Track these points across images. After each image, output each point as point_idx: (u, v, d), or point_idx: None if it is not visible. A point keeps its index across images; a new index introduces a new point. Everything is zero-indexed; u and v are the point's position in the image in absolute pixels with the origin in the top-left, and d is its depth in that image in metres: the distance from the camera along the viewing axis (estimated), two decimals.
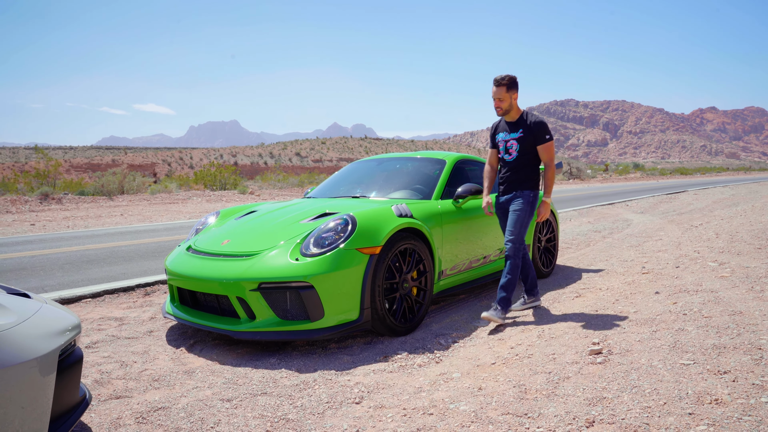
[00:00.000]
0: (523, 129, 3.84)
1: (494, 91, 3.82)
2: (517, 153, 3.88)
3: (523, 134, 3.84)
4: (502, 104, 3.83)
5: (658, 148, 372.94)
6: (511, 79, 3.79)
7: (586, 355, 2.79)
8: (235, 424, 2.32)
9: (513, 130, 3.90)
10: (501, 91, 3.80)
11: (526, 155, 3.87)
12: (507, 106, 3.84)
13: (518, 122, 3.88)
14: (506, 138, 3.94)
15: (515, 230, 3.82)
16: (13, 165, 51.69)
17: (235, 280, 3.22)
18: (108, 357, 3.29)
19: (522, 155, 3.87)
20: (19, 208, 13.28)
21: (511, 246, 3.82)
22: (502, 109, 3.85)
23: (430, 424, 2.15)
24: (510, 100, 3.82)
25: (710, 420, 1.85)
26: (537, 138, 3.82)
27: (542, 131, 3.82)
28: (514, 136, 3.88)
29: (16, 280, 5.27)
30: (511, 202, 3.93)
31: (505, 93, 3.79)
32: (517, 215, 3.83)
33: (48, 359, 1.84)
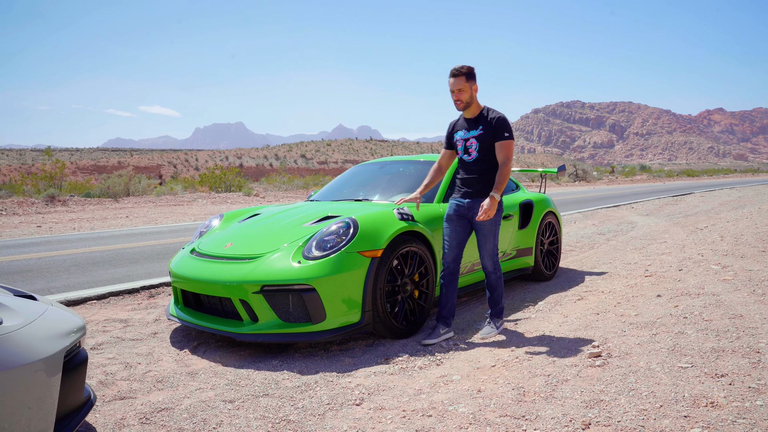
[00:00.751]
0: (483, 126, 3.50)
1: (452, 83, 3.45)
2: (477, 153, 3.51)
3: (483, 131, 3.49)
4: (462, 96, 3.46)
5: (665, 150, 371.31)
6: (470, 69, 3.46)
7: (585, 358, 2.81)
8: (237, 425, 2.35)
9: (472, 128, 3.55)
10: (460, 81, 3.43)
11: (488, 156, 3.50)
12: (467, 98, 3.48)
13: (478, 119, 3.54)
14: (465, 137, 3.57)
15: (490, 244, 3.54)
16: (20, 167, 52.08)
17: (237, 282, 3.26)
18: (113, 358, 3.33)
19: (483, 155, 3.51)
20: (26, 210, 13.40)
21: (490, 262, 3.57)
22: (463, 101, 3.48)
23: (429, 425, 2.18)
24: (470, 92, 3.48)
25: (705, 423, 1.87)
26: (496, 134, 3.47)
27: (502, 128, 3.46)
28: (473, 134, 3.53)
29: (22, 282, 5.33)
30: (475, 211, 3.50)
31: (464, 83, 3.44)
32: (489, 228, 3.50)
33: (54, 360, 1.88)
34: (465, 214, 3.56)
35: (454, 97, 3.50)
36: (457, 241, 3.59)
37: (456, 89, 3.46)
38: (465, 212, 3.56)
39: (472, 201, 3.53)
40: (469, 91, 3.47)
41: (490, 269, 3.61)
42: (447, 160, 3.78)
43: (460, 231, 3.59)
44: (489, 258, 3.57)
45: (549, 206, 5.61)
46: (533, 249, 5.30)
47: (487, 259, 3.57)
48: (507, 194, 5.33)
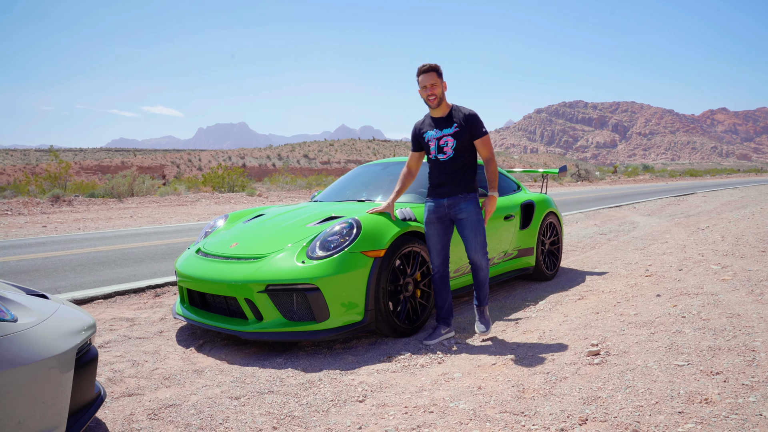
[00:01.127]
0: (457, 123, 3.44)
1: (424, 79, 3.39)
2: (454, 151, 3.43)
3: (459, 129, 3.42)
4: (435, 90, 3.39)
5: (668, 150, 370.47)
6: (438, 66, 3.42)
7: (584, 356, 2.86)
8: (243, 420, 2.41)
9: (445, 126, 3.47)
10: (432, 76, 3.37)
11: (464, 153, 3.45)
12: (440, 93, 3.42)
13: (449, 117, 3.47)
14: (438, 135, 3.48)
15: (479, 241, 3.47)
16: (25, 167, 52.28)
17: (243, 282, 3.32)
18: (120, 356, 3.39)
19: (459, 153, 3.44)
20: (31, 210, 13.50)
21: (482, 256, 3.49)
22: (437, 96, 3.41)
23: (430, 421, 2.24)
24: (441, 88, 3.43)
25: (698, 418, 1.92)
26: (474, 132, 3.43)
27: (478, 124, 3.43)
28: (448, 132, 3.45)
29: (30, 281, 5.41)
30: (456, 208, 3.47)
31: (436, 78, 3.39)
32: (475, 221, 3.46)
33: (66, 357, 1.94)
34: (445, 214, 3.51)
35: (427, 93, 3.41)
36: (441, 244, 3.56)
37: (429, 84, 3.38)
38: (445, 212, 3.51)
39: (450, 199, 3.48)
40: (441, 86, 3.43)
41: (482, 264, 3.51)
42: (416, 162, 3.73)
43: (443, 233, 3.55)
44: (481, 253, 3.48)
45: (550, 207, 5.65)
46: (534, 249, 5.35)
47: (479, 254, 3.48)
48: (508, 195, 5.38)
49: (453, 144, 3.44)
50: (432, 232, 3.57)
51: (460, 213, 3.47)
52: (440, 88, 3.42)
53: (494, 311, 4.39)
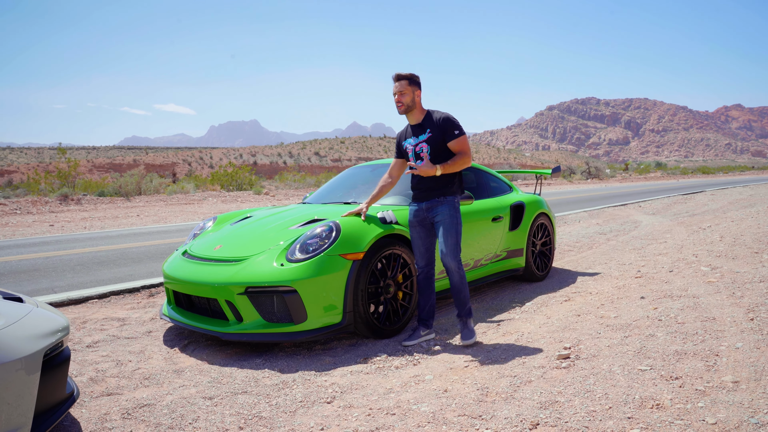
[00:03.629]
0: (430, 128, 3.51)
1: (395, 87, 3.50)
2: (430, 156, 3.50)
3: (432, 134, 3.49)
4: (403, 98, 3.49)
5: (681, 147, 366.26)
6: (413, 75, 3.49)
7: (553, 360, 2.90)
8: (212, 420, 2.48)
9: (420, 133, 3.56)
10: (402, 84, 3.47)
11: (439, 158, 3.50)
12: (409, 101, 3.49)
13: (423, 123, 3.56)
14: (414, 143, 3.57)
15: (452, 239, 3.48)
16: (38, 165, 53.02)
17: (223, 284, 3.39)
18: (106, 356, 3.48)
19: (435, 158, 3.50)
20: (40, 209, 13.73)
21: (453, 261, 3.48)
22: (404, 104, 3.50)
23: (389, 423, 2.29)
24: (412, 95, 3.49)
25: (645, 423, 1.95)
26: (447, 134, 3.47)
27: (451, 126, 3.47)
28: (422, 138, 3.53)
29: (28, 281, 5.53)
30: (434, 212, 3.54)
31: (407, 86, 3.47)
32: (448, 225, 3.48)
33: (33, 359, 2.01)
34: (425, 217, 3.59)
35: (395, 100, 3.52)
36: (425, 246, 3.63)
37: (397, 92, 3.49)
38: (424, 215, 3.59)
39: (429, 202, 3.55)
40: (411, 95, 3.49)
41: (453, 268, 3.49)
42: (398, 169, 3.79)
43: (425, 236, 3.62)
44: (451, 256, 3.47)
45: (541, 208, 5.66)
46: (524, 250, 5.37)
47: (450, 257, 3.47)
48: (498, 196, 5.41)
49: (428, 149, 3.51)
50: (415, 235, 3.67)
51: (436, 216, 3.54)
52: (409, 96, 3.49)
53: (480, 312, 4.43)
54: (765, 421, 1.91)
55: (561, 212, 13.03)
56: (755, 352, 2.60)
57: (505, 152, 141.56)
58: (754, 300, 3.64)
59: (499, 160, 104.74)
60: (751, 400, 2.08)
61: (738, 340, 2.81)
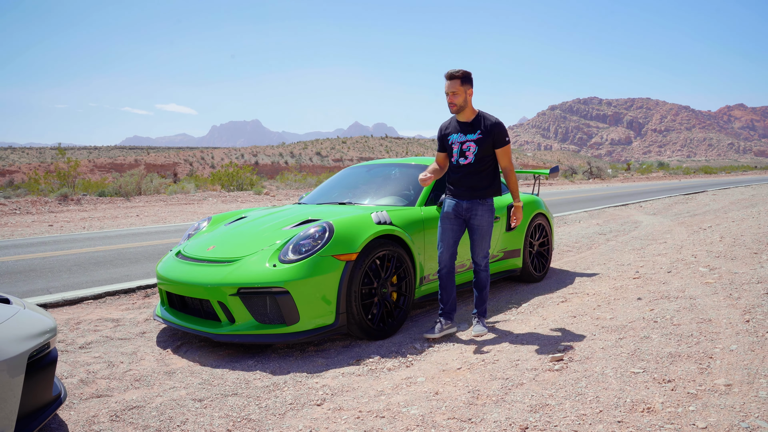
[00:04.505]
0: (480, 130, 3.58)
1: (447, 85, 3.53)
2: (475, 156, 3.58)
3: (482, 135, 3.57)
4: (456, 99, 3.53)
5: (684, 147, 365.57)
6: (465, 73, 3.52)
7: (547, 362, 2.87)
8: (201, 422, 2.46)
9: (469, 131, 3.61)
10: (455, 84, 3.51)
11: (484, 159, 3.60)
12: (461, 102, 3.54)
13: (474, 123, 3.61)
14: (462, 140, 3.63)
15: (486, 243, 3.71)
16: (39, 165, 53.08)
17: (216, 285, 3.37)
18: (98, 357, 3.46)
19: (480, 159, 3.59)
20: (39, 209, 13.74)
21: (484, 260, 3.73)
22: (456, 104, 3.55)
23: (378, 426, 2.26)
24: (464, 95, 3.54)
25: (635, 428, 1.93)
26: (497, 140, 3.58)
27: (502, 133, 3.58)
28: (471, 138, 3.59)
29: (24, 282, 5.52)
30: (473, 212, 3.65)
31: (459, 86, 3.51)
32: (485, 229, 3.67)
33: (16, 362, 1.99)
34: (462, 215, 3.69)
35: (448, 100, 3.56)
36: (453, 239, 3.71)
37: (450, 92, 3.53)
38: (463, 213, 3.68)
39: (469, 203, 3.65)
40: (464, 95, 3.53)
41: (483, 267, 3.75)
42: (444, 160, 3.79)
43: (457, 230, 3.71)
44: (483, 256, 3.72)
45: (539, 208, 5.63)
46: (521, 251, 5.34)
47: (482, 257, 3.72)
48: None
49: (475, 150, 3.58)
50: (447, 226, 3.71)
51: (474, 218, 3.65)
52: (462, 96, 3.53)
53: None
54: (756, 425, 1.88)
55: (561, 212, 12.99)
56: (749, 355, 2.57)
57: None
58: (750, 301, 3.60)
59: None
60: (743, 404, 2.05)
61: (733, 342, 2.78)
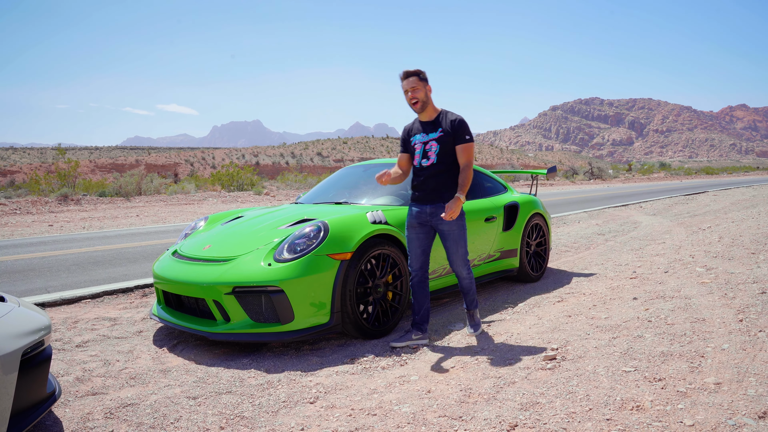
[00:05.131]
0: (442, 128, 3.45)
1: (405, 84, 3.40)
2: (437, 156, 3.44)
3: (443, 134, 3.43)
4: (417, 94, 3.40)
5: (686, 147, 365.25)
6: (422, 72, 3.42)
7: (539, 361, 2.88)
8: (194, 420, 2.47)
9: (431, 131, 3.48)
10: (413, 80, 3.38)
11: (447, 159, 3.45)
12: (423, 96, 3.42)
13: (436, 121, 3.49)
14: (425, 140, 3.49)
15: (461, 249, 3.52)
16: (40, 165, 53.15)
17: (211, 284, 3.39)
18: (94, 356, 3.48)
19: (442, 159, 3.44)
20: (40, 209, 13.77)
21: (464, 268, 3.56)
22: (419, 99, 3.41)
23: (369, 424, 2.28)
24: (425, 91, 3.43)
25: (623, 425, 1.94)
26: (457, 137, 3.42)
27: (463, 130, 3.42)
28: (433, 137, 3.46)
29: (22, 281, 5.54)
30: (438, 217, 3.45)
31: (418, 82, 3.39)
32: (457, 234, 3.48)
33: (10, 359, 2.01)
34: (427, 221, 3.51)
35: (409, 97, 3.43)
36: (421, 248, 3.55)
37: (410, 88, 3.40)
38: (427, 218, 3.50)
39: (433, 206, 3.47)
40: (423, 90, 3.42)
41: (463, 274, 3.59)
42: (406, 162, 3.66)
43: (423, 238, 3.54)
44: (461, 264, 3.55)
45: (536, 208, 5.64)
46: (518, 251, 5.35)
47: (460, 265, 3.55)
48: (492, 196, 5.39)
49: (437, 149, 3.44)
50: (413, 236, 3.56)
51: (441, 223, 3.45)
52: (423, 92, 3.42)
53: None
54: (742, 423, 1.89)
55: (561, 213, 12.99)
56: (740, 354, 2.58)
57: (508, 153, 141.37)
58: (745, 301, 3.61)
59: (501, 161, 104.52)
60: (731, 402, 2.06)
61: (725, 342, 2.79)
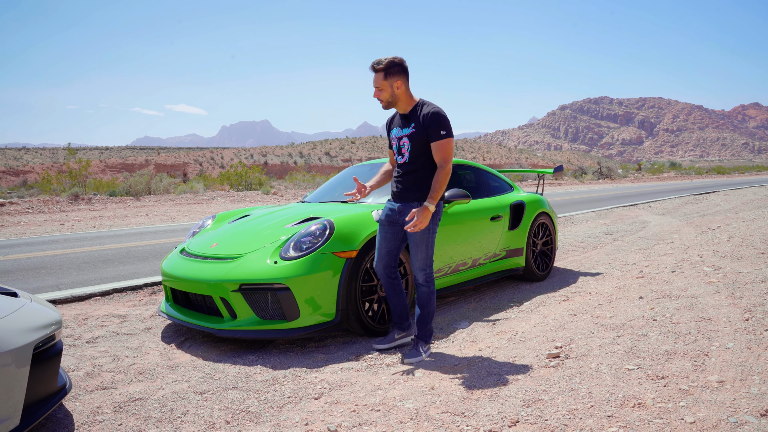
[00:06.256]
0: (415, 123, 3.09)
1: (373, 79, 3.09)
2: (409, 154, 3.12)
3: (415, 130, 3.08)
4: (380, 95, 3.07)
5: (697, 147, 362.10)
6: (391, 63, 3.03)
7: (543, 359, 2.89)
8: (201, 414, 2.51)
9: (405, 125, 3.15)
10: (378, 78, 3.05)
11: (420, 156, 3.11)
12: (387, 97, 3.07)
13: (410, 115, 3.13)
14: (399, 135, 3.18)
15: (422, 254, 3.14)
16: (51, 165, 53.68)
17: (218, 281, 3.43)
18: (104, 351, 3.53)
19: (415, 156, 3.11)
20: (51, 209, 13.94)
21: (422, 273, 3.18)
22: (382, 100, 3.09)
23: (372, 419, 2.31)
24: (391, 90, 3.05)
25: (624, 422, 1.95)
26: (431, 133, 3.04)
27: (437, 125, 3.02)
28: (405, 133, 3.13)
29: (34, 278, 5.63)
30: (405, 217, 3.15)
31: (382, 80, 3.04)
32: (419, 238, 3.11)
33: (22, 352, 2.06)
34: (396, 220, 3.23)
35: (374, 94, 3.11)
36: (386, 249, 3.28)
37: (375, 87, 3.09)
38: (396, 218, 3.22)
39: (402, 205, 3.18)
40: (389, 89, 3.06)
41: (420, 281, 3.20)
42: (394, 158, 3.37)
43: (391, 238, 3.26)
44: (420, 269, 3.18)
45: (542, 207, 5.64)
46: (524, 250, 5.35)
47: (418, 270, 3.19)
48: (498, 195, 5.40)
49: (408, 146, 3.12)
50: (381, 235, 3.29)
51: (406, 223, 3.10)
52: (388, 90, 3.06)
53: (477, 311, 4.43)
54: (744, 420, 1.90)
55: (569, 212, 12.95)
56: (745, 352, 2.58)
57: (517, 152, 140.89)
58: (752, 300, 3.60)
59: (510, 160, 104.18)
60: (733, 400, 2.07)
61: (730, 340, 2.79)
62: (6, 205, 13.90)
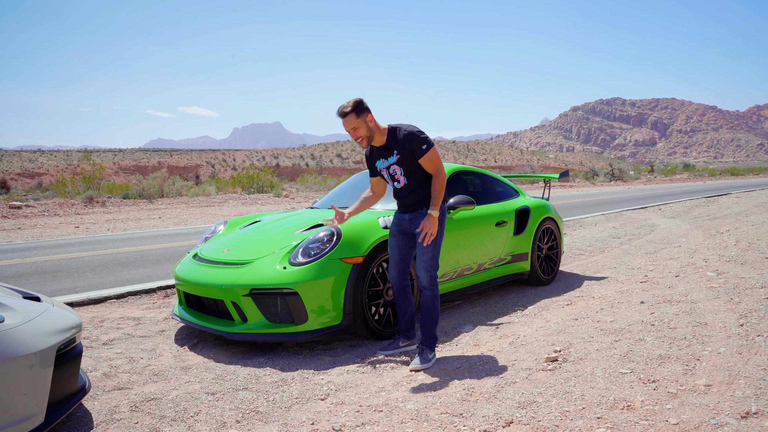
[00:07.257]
0: (397, 150, 3.28)
1: (344, 124, 3.21)
2: (405, 177, 3.34)
3: (400, 155, 3.27)
4: (359, 133, 3.22)
5: (711, 148, 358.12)
6: (357, 102, 3.19)
7: (541, 362, 2.99)
8: (212, 414, 2.65)
9: (387, 155, 3.34)
10: (350, 120, 3.19)
11: (416, 174, 3.31)
12: (366, 133, 3.23)
13: (388, 144, 3.31)
14: (386, 165, 3.37)
15: (428, 255, 3.28)
16: (66, 168, 54.43)
17: (229, 286, 3.57)
18: (120, 353, 3.69)
19: (412, 177, 3.32)
20: (66, 211, 14.23)
21: (426, 275, 3.31)
22: (363, 137, 3.24)
23: (375, 419, 2.42)
24: (366, 126, 3.22)
25: (611, 424, 2.05)
26: (415, 151, 3.22)
27: (417, 142, 3.21)
28: (392, 161, 3.32)
29: (51, 281, 5.82)
30: (415, 223, 3.36)
31: (355, 119, 3.19)
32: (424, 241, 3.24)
33: (46, 354, 2.20)
34: (407, 228, 3.43)
35: (352, 137, 3.25)
36: (400, 256, 3.47)
37: (350, 129, 3.22)
38: (407, 226, 3.43)
39: (412, 214, 3.39)
40: (364, 125, 3.22)
41: (424, 283, 3.34)
42: (378, 185, 3.61)
43: (403, 246, 3.46)
44: (425, 270, 3.31)
45: (548, 212, 5.73)
46: (529, 254, 5.44)
47: (423, 270, 3.32)
48: (504, 200, 5.49)
49: (401, 171, 3.33)
50: (393, 243, 3.50)
51: (417, 227, 3.34)
52: (363, 128, 3.22)
53: (481, 315, 4.53)
54: (724, 422, 1.99)
55: (578, 215, 12.98)
56: (735, 357, 2.67)
57: (528, 154, 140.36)
58: (749, 306, 3.67)
59: (521, 162, 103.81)
60: (717, 403, 2.16)
61: (722, 345, 2.87)
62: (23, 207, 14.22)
